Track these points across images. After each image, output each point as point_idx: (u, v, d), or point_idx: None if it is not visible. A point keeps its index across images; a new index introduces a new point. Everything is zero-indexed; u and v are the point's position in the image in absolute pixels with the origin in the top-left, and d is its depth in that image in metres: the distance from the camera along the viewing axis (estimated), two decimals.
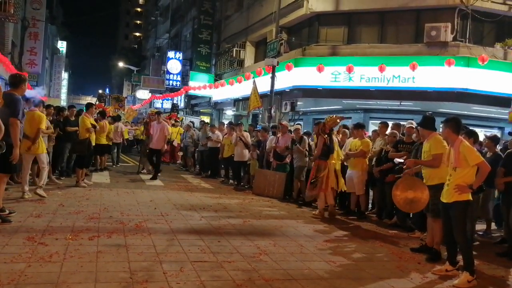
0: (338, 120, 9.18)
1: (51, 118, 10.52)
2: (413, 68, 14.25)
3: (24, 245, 5.19)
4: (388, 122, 9.63)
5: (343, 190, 9.04)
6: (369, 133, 11.52)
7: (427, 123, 6.25)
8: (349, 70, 15.28)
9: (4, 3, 17.59)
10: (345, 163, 9.25)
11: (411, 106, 15.98)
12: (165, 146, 13.69)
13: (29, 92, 8.46)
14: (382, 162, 8.57)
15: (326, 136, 8.84)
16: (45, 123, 8.52)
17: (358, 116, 17.21)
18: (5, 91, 6.88)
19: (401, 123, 9.42)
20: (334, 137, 9.13)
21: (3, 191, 6.61)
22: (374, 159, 8.95)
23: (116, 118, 16.85)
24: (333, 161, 8.90)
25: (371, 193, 9.57)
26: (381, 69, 14.75)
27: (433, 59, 14.71)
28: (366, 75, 15.55)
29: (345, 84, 15.89)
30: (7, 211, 6.48)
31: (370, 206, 9.72)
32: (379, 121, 9.95)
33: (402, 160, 7.21)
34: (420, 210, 6.45)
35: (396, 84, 15.12)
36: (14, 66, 21.78)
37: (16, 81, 6.64)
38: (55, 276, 4.27)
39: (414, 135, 8.25)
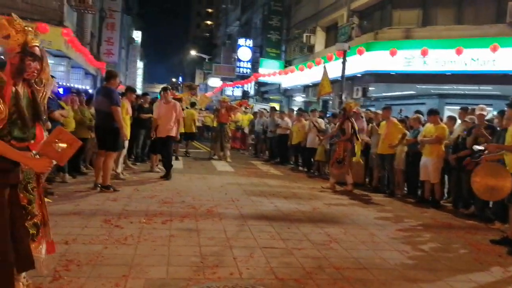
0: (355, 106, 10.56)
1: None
2: (494, 50, 13.40)
3: (101, 228, 5.45)
4: (468, 107, 9.13)
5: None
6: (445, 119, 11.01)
7: None
8: (424, 53, 14.65)
9: None
10: (420, 151, 8.90)
11: (491, 91, 15.06)
12: (177, 132, 10.20)
13: None
14: (459, 149, 8.17)
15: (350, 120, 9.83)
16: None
17: (433, 102, 16.47)
18: (102, 85, 8.19)
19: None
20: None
21: (111, 167, 8.06)
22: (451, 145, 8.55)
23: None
24: (359, 142, 10.06)
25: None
26: (458, 52, 14.01)
27: None
28: (441, 58, 14.88)
29: (419, 68, 15.32)
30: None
31: (445, 194, 9.33)
32: (455, 107, 9.51)
33: (482, 148, 6.82)
34: (501, 199, 6.08)
35: (474, 67, 14.34)
36: (93, 56, 22.82)
37: (108, 76, 8.06)
38: (130, 258, 4.44)
39: (496, 121, 7.77)
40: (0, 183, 2.77)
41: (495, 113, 9.94)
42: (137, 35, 51.86)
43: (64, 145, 2.87)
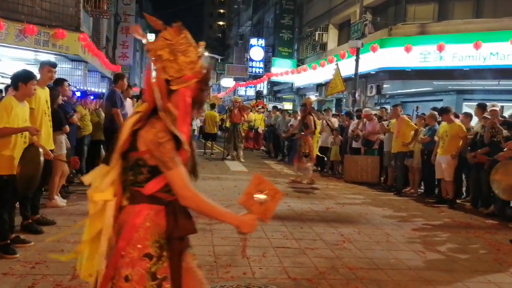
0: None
1: None
2: None
3: None
4: (486, 103, 8.88)
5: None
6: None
7: None
8: (440, 49, 14.39)
9: (99, 1, 18.56)
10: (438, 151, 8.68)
11: (511, 86, 14.74)
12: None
13: None
14: (477, 146, 7.97)
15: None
16: None
17: (451, 98, 16.22)
18: (109, 88, 8.28)
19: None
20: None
21: None
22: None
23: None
24: (318, 136, 10.98)
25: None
26: (477, 46, 13.70)
27: None
28: (459, 53, 14.57)
29: (436, 64, 15.02)
30: None
31: (464, 194, 9.13)
32: (473, 103, 9.27)
33: None
34: None
35: (493, 61, 13.99)
36: (109, 59, 22.96)
37: (115, 79, 8.31)
38: None
39: None
40: (181, 250, 2.13)
41: None
42: (151, 38, 51.94)
43: (266, 197, 2.26)
